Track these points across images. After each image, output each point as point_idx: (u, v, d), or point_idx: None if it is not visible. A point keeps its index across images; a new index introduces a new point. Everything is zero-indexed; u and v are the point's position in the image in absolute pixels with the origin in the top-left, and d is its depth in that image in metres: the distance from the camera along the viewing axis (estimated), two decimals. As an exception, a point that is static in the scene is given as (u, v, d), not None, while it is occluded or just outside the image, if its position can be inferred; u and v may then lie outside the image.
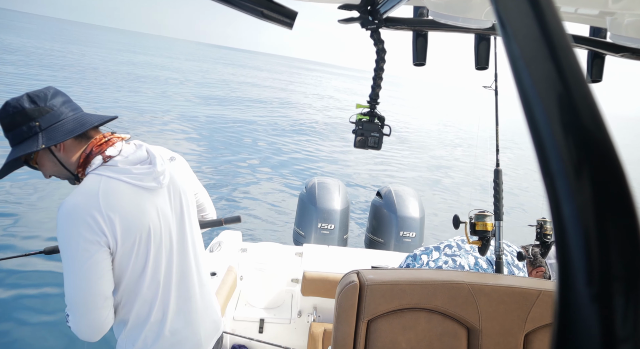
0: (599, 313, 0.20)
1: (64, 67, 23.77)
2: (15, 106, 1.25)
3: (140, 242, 1.31)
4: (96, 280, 1.23)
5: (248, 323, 2.71)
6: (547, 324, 1.47)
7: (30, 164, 1.33)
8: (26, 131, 1.25)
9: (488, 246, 2.02)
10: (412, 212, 3.69)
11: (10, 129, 1.26)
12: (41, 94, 1.28)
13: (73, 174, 1.33)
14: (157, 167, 1.34)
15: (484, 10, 1.18)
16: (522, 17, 0.24)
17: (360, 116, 1.71)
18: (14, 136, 1.26)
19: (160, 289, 1.37)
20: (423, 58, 1.68)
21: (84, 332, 1.26)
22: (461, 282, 1.46)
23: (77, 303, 1.24)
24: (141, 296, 1.35)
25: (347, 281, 1.46)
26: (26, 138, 1.25)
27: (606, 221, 0.21)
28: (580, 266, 0.21)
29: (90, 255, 1.21)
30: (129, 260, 1.30)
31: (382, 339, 1.43)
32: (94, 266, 1.22)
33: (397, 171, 12.26)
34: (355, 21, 1.42)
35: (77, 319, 1.25)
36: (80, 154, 1.32)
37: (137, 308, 1.35)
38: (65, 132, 1.27)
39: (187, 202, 1.48)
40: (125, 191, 1.28)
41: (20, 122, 1.25)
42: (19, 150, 1.25)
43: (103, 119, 1.36)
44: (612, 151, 0.22)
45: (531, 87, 0.23)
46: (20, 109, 1.25)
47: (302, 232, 3.65)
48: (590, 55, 1.71)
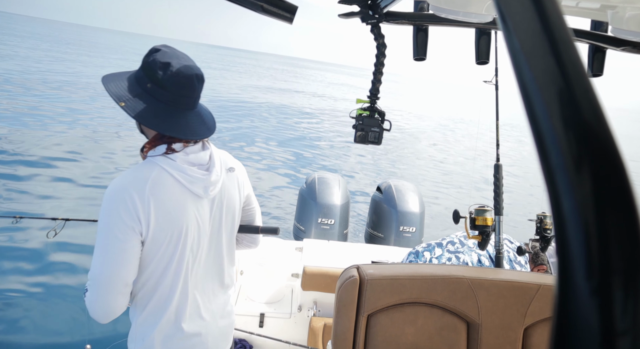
0: (598, 307, 0.20)
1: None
2: (161, 60, 1.27)
3: (171, 241, 1.31)
4: (122, 265, 1.24)
5: (248, 318, 2.72)
6: (546, 318, 1.48)
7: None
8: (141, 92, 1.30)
9: (488, 240, 2.02)
10: (412, 207, 3.70)
11: (145, 68, 1.29)
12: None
13: (144, 145, 1.35)
14: (212, 177, 1.35)
15: (485, 5, 1.17)
16: (523, 11, 0.24)
17: (361, 111, 1.71)
18: (137, 75, 1.30)
19: (178, 293, 1.36)
20: (424, 53, 1.67)
21: (96, 311, 1.27)
22: (461, 276, 1.47)
23: (99, 281, 1.25)
24: (158, 293, 1.34)
25: (347, 275, 1.46)
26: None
27: (606, 215, 0.21)
28: (579, 260, 0.21)
29: (123, 238, 1.23)
30: (155, 255, 1.30)
31: (382, 333, 1.44)
32: (124, 250, 1.24)
33: (398, 166, 12.25)
34: (356, 15, 1.41)
35: (94, 297, 1.26)
36: (155, 132, 1.33)
37: (152, 305, 1.35)
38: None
39: (229, 216, 1.47)
40: (173, 188, 1.30)
41: (150, 74, 1.27)
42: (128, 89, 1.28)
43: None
44: (612, 145, 0.22)
45: (532, 81, 0.23)
46: (159, 65, 1.26)
47: (302, 227, 3.65)
48: (591, 49, 1.70)
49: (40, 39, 47.28)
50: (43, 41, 45.32)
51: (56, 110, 12.82)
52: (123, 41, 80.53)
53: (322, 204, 3.61)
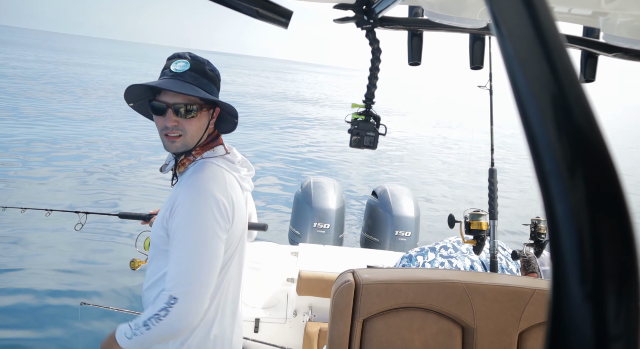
0: (592, 311, 0.20)
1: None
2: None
3: (236, 239, 1.34)
4: (216, 267, 1.23)
5: (243, 323, 2.70)
6: (541, 322, 1.48)
7: (187, 110, 1.27)
8: (216, 90, 1.34)
9: (483, 245, 2.03)
10: (407, 211, 3.70)
11: (211, 80, 1.33)
12: None
13: (192, 147, 1.32)
14: (254, 172, 1.42)
15: (479, 10, 1.18)
16: (516, 17, 0.24)
17: (356, 116, 1.71)
18: (209, 86, 1.32)
19: (221, 290, 1.34)
20: (418, 58, 1.68)
21: (190, 321, 1.17)
22: (456, 281, 1.47)
23: (197, 286, 1.17)
24: (217, 293, 1.32)
25: (342, 280, 1.46)
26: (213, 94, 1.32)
27: (599, 220, 0.21)
28: (573, 265, 0.21)
29: (219, 240, 1.22)
30: (224, 253, 1.30)
31: (377, 338, 1.43)
32: (218, 252, 1.23)
33: (393, 170, 12.28)
34: (351, 21, 1.42)
35: (190, 305, 1.16)
36: (204, 135, 1.33)
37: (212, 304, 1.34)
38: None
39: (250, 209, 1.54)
40: (237, 187, 1.34)
41: (218, 82, 1.37)
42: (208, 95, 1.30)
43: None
44: (605, 151, 0.22)
45: (525, 86, 0.23)
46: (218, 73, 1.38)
47: (298, 232, 3.64)
48: (583, 55, 1.72)
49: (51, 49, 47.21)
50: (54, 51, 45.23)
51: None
52: (108, 49, 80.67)
53: (318, 209, 3.61)
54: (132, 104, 1.36)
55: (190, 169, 1.32)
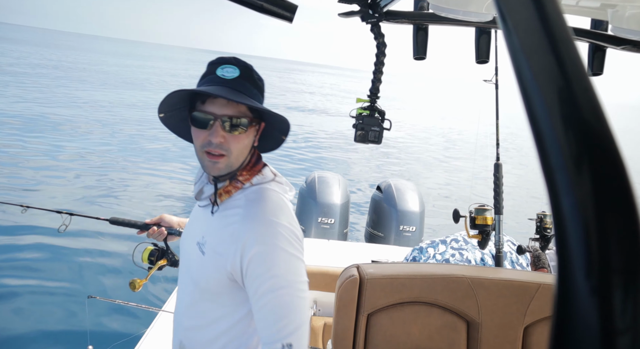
0: (598, 305, 0.20)
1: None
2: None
3: None
4: (308, 297, 1.12)
5: None
6: (546, 317, 1.48)
7: (236, 124, 1.09)
8: (263, 102, 1.17)
9: (488, 240, 2.02)
10: (412, 206, 3.69)
11: (260, 90, 1.15)
12: None
13: (235, 170, 1.15)
14: (294, 190, 1.30)
15: (485, 4, 1.17)
16: (523, 10, 0.24)
17: (361, 110, 1.71)
18: (259, 97, 1.15)
19: None
20: (423, 52, 1.67)
21: None
22: (461, 276, 1.47)
23: (302, 325, 1.09)
24: None
25: (347, 275, 1.46)
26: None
27: (605, 215, 0.21)
28: (579, 259, 0.21)
29: (303, 272, 1.11)
30: None
31: (382, 332, 1.44)
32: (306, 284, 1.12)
33: (398, 165, 12.25)
34: (356, 15, 1.41)
35: (301, 345, 1.08)
36: (248, 155, 1.16)
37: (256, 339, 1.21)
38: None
39: None
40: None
41: (264, 92, 1.17)
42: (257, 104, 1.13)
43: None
44: (612, 145, 0.21)
45: (532, 80, 0.23)
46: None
47: (302, 227, 3.66)
48: (591, 48, 1.70)
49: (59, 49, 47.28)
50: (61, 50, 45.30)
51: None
52: (113, 48, 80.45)
53: (322, 204, 3.61)
54: (162, 114, 1.17)
55: (241, 198, 1.14)
